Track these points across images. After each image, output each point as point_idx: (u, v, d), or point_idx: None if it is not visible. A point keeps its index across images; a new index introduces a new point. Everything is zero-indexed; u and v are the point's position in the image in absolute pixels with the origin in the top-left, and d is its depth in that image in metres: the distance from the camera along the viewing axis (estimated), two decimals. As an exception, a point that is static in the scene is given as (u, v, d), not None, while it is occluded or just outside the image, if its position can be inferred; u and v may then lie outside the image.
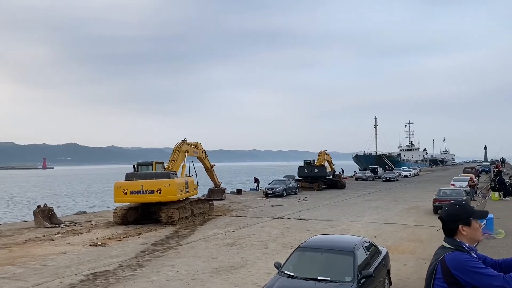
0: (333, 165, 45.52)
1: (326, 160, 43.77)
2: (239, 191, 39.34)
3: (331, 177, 43.33)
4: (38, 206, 21.68)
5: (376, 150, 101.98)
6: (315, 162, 43.09)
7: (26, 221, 23.82)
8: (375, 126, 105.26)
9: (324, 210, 24.90)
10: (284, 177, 42.13)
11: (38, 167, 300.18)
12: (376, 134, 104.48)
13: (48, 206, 22.16)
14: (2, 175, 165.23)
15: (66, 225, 20.81)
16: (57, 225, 20.63)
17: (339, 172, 50.90)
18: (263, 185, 43.41)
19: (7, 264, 12.60)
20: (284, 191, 34.32)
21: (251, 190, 44.06)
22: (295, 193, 36.00)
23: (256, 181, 45.42)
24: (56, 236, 17.72)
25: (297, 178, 42.43)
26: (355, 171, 72.54)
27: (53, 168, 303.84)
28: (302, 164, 43.82)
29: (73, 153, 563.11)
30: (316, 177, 41.59)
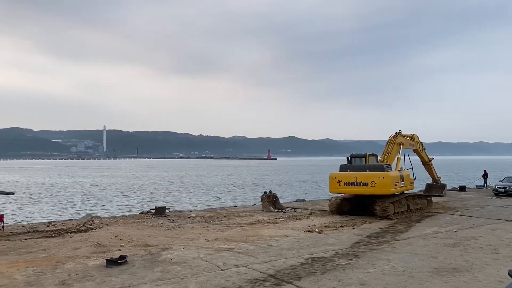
0: None
1: None
2: (462, 188, 35.75)
3: None
4: (265, 192, 24.55)
5: None
6: None
7: (255, 204, 27.25)
8: None
9: None
10: (520, 174, 36.45)
11: (264, 157, 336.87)
12: None
13: (273, 192, 24.85)
14: (237, 164, 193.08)
15: (288, 210, 22.88)
16: (280, 210, 22.91)
17: None
18: (492, 182, 38.23)
19: (241, 241, 14.68)
20: (521, 190, 29.67)
21: (477, 187, 39.45)
22: (536, 193, 30.61)
23: (485, 175, 40.12)
24: (279, 220, 19.65)
25: (538, 175, 36.14)
26: None
27: (275, 159, 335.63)
28: (545, 158, 37.11)
29: (292, 145, 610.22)
30: None
